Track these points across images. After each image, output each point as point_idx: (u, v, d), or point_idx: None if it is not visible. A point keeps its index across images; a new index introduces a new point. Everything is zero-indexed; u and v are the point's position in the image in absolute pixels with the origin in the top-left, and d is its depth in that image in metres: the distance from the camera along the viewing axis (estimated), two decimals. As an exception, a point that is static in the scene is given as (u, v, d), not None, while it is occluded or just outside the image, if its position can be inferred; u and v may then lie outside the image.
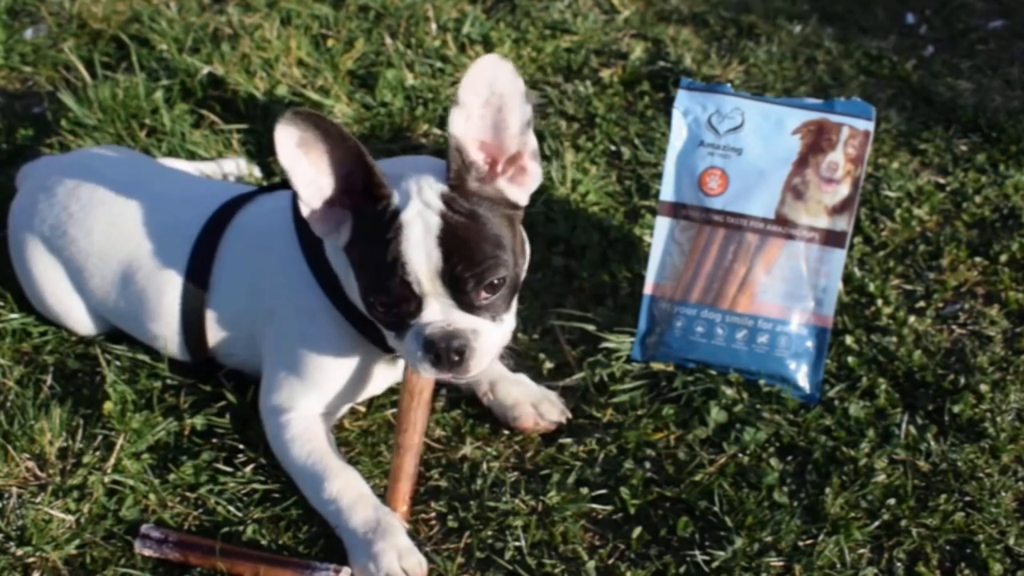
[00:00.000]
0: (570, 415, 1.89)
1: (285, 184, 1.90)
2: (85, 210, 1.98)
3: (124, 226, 1.94)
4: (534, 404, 1.88)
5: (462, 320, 1.61)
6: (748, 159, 1.98)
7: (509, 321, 1.69)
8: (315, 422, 1.78)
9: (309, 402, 1.79)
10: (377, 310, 1.64)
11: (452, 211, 1.60)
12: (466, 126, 1.61)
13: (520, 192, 1.67)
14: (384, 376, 1.84)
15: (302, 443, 1.75)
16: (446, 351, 1.60)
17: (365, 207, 1.62)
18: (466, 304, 1.61)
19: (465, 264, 1.59)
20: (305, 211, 1.64)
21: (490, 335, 1.64)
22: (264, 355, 1.84)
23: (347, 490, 1.69)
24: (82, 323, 2.04)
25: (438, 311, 1.61)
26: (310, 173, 1.62)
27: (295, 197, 1.74)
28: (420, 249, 1.58)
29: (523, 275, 1.71)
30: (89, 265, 1.97)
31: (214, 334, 1.89)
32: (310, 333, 1.78)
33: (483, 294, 1.61)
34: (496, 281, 1.61)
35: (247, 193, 1.96)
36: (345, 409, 1.86)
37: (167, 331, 1.92)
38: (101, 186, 2.00)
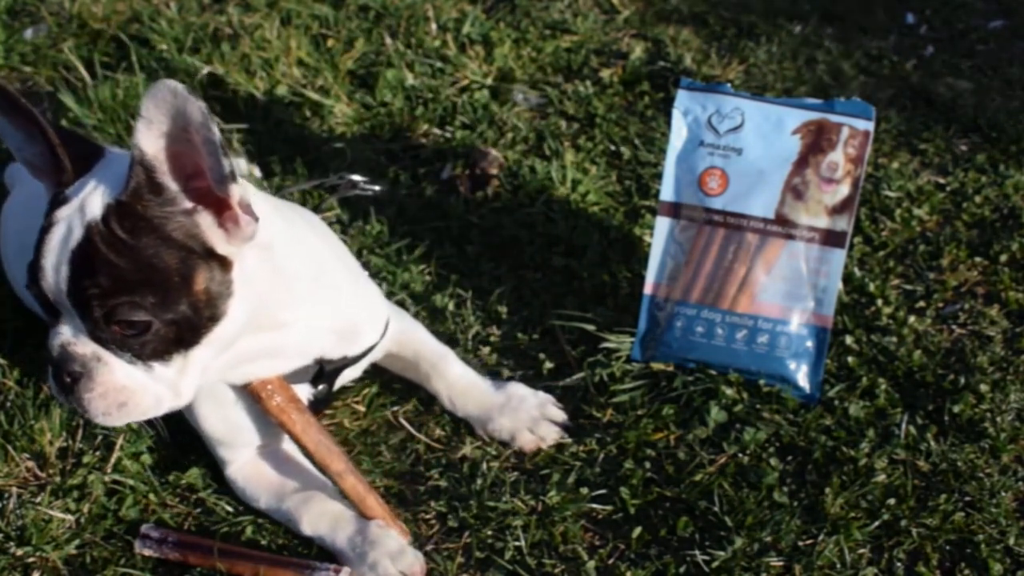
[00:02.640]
0: (566, 435, 1.87)
1: None
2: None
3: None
4: (531, 429, 1.86)
5: (86, 345, 1.43)
6: (748, 159, 1.98)
7: (170, 376, 1.46)
8: (255, 467, 1.74)
9: (230, 453, 1.74)
10: (31, 298, 1.50)
11: (106, 227, 1.38)
12: (156, 143, 1.36)
13: (226, 240, 1.43)
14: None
15: (256, 492, 1.73)
16: (58, 371, 1.44)
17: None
18: (95, 333, 1.42)
19: (93, 289, 1.39)
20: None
21: (122, 376, 1.44)
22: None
23: (321, 519, 1.67)
24: None
25: (69, 329, 1.44)
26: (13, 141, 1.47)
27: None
28: (52, 256, 1.40)
29: (209, 329, 1.46)
30: None
31: None
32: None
33: (115, 328, 1.41)
34: (134, 320, 1.40)
35: None
36: (272, 438, 1.76)
37: None
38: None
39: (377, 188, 2.33)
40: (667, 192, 2.01)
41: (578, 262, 2.21)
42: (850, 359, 2.00)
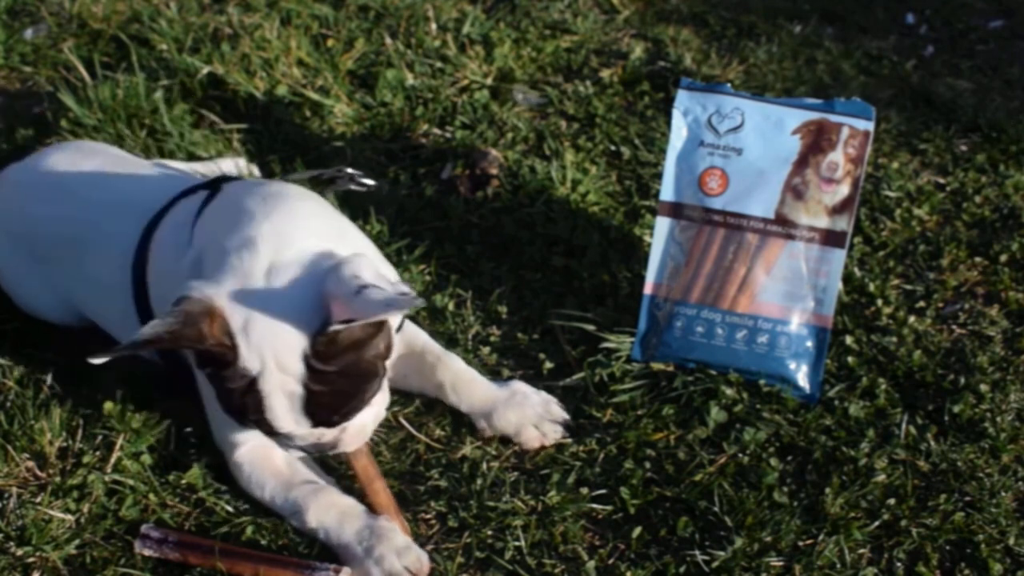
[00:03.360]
0: (568, 435, 1.86)
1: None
2: (46, 203, 1.96)
3: (81, 217, 1.90)
4: (536, 425, 1.85)
5: (328, 433, 1.58)
6: (748, 159, 1.98)
7: (381, 399, 1.64)
8: (264, 452, 1.72)
9: (240, 436, 1.72)
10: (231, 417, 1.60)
11: (317, 376, 1.49)
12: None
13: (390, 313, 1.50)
14: None
15: (263, 478, 1.71)
16: (317, 452, 1.63)
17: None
18: (330, 427, 1.58)
19: (338, 414, 1.56)
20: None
21: (358, 424, 1.60)
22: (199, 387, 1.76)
23: (329, 511, 1.66)
24: (55, 317, 2.03)
25: (309, 433, 1.58)
26: None
27: (202, 207, 1.71)
28: (288, 418, 1.52)
29: (388, 371, 1.62)
30: (54, 264, 1.95)
31: None
32: None
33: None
34: (363, 407, 1.59)
35: (198, 184, 1.86)
36: None
37: (127, 328, 1.81)
38: (60, 179, 1.98)
39: (373, 183, 2.33)
40: (667, 192, 2.01)
41: (578, 262, 2.21)
42: (850, 359, 2.00)
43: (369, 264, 1.50)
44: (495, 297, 2.13)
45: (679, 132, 2.01)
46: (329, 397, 1.52)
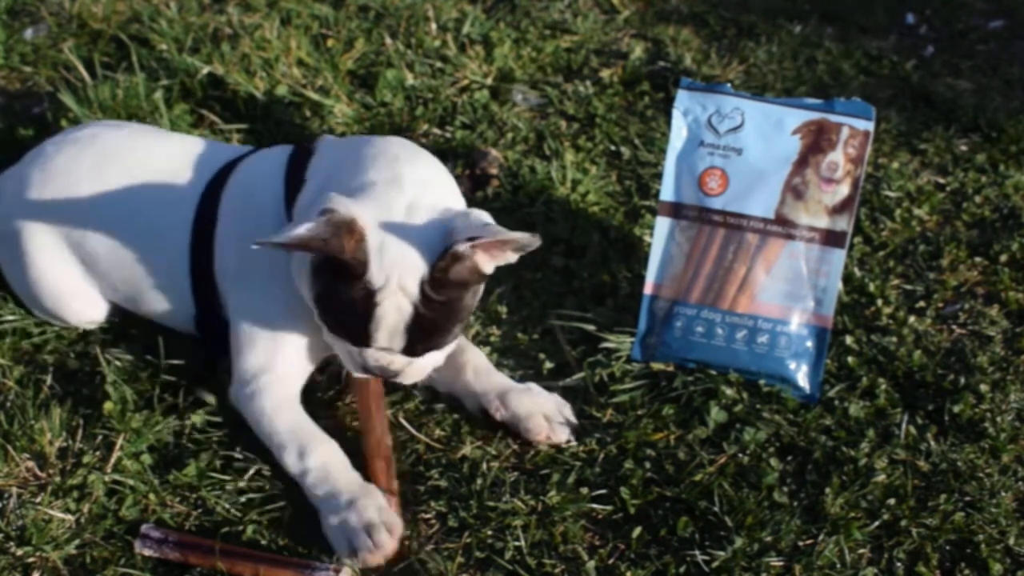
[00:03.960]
0: (573, 439, 1.86)
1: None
2: (85, 181, 1.95)
3: (126, 195, 1.93)
4: (547, 417, 1.86)
5: (400, 360, 1.69)
6: (748, 159, 1.98)
7: (448, 349, 1.75)
8: (291, 385, 1.82)
9: (281, 360, 1.82)
10: (326, 325, 1.70)
11: (426, 302, 1.63)
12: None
13: (492, 265, 1.68)
14: None
15: (278, 408, 1.79)
16: (380, 374, 1.71)
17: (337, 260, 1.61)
18: (411, 354, 1.70)
19: (426, 343, 1.68)
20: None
21: (422, 364, 1.72)
22: (232, 320, 1.86)
23: (330, 457, 1.74)
24: (86, 311, 2.02)
25: (384, 354, 1.68)
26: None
27: (292, 158, 1.85)
28: (386, 331, 1.64)
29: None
30: (94, 241, 1.95)
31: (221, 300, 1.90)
32: (274, 294, 1.81)
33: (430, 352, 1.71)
34: (444, 346, 1.72)
35: (245, 153, 1.97)
36: (310, 371, 1.88)
37: (179, 302, 1.94)
38: (101, 155, 1.98)
39: None
40: (667, 192, 2.01)
41: (578, 262, 2.21)
42: (850, 359, 2.00)
43: (481, 216, 1.67)
44: (495, 297, 2.13)
45: (679, 132, 2.01)
46: (429, 323, 1.65)
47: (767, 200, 1.97)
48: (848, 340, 2.04)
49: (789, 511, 1.73)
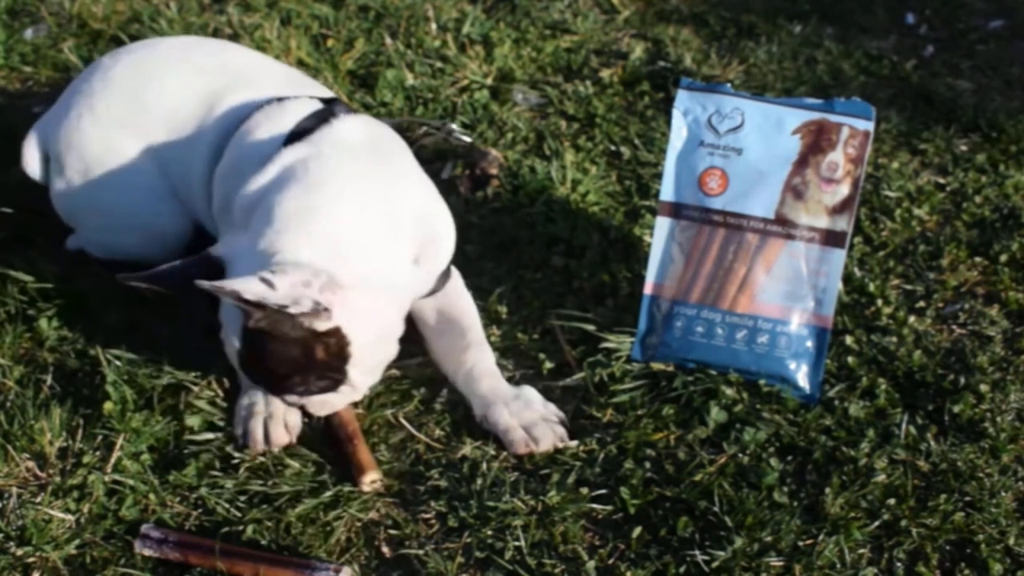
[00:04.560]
0: (567, 440, 1.85)
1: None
2: (146, 87, 1.99)
3: (178, 101, 1.97)
4: (527, 427, 1.84)
5: (289, 397, 1.78)
6: (748, 159, 1.98)
7: (352, 388, 1.78)
8: None
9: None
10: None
11: (249, 349, 1.71)
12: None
13: (321, 322, 1.69)
14: None
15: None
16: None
17: None
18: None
19: (270, 385, 1.76)
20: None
21: (317, 400, 1.77)
22: None
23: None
24: (172, 226, 2.05)
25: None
26: None
27: (304, 120, 1.85)
28: (234, 363, 1.75)
29: (360, 373, 1.76)
30: (158, 146, 1.98)
31: None
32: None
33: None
34: (304, 393, 1.76)
35: (283, 97, 1.94)
36: None
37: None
38: (161, 62, 2.04)
39: (468, 139, 2.36)
40: (667, 192, 2.01)
41: (578, 262, 2.21)
42: (850, 359, 2.00)
43: (293, 272, 1.65)
44: (495, 297, 2.13)
45: (679, 132, 2.01)
46: (264, 370, 1.71)
47: (767, 200, 1.97)
48: (848, 340, 2.04)
49: (789, 511, 1.73)
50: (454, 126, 2.39)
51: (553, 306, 2.12)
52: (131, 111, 1.99)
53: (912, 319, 2.10)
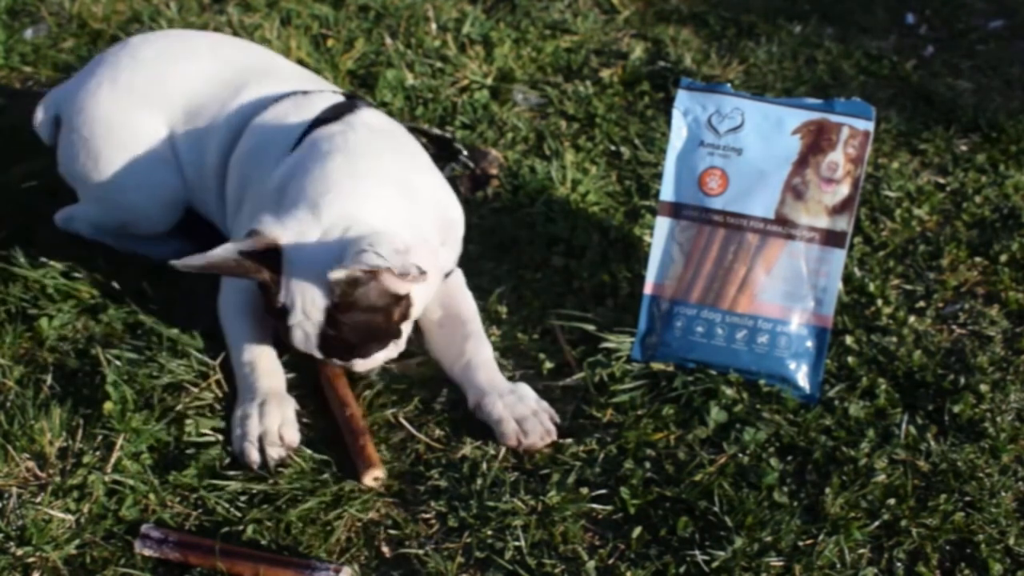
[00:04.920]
0: (555, 437, 1.84)
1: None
2: (173, 68, 2.08)
3: (199, 88, 2.07)
4: (519, 420, 1.83)
5: (338, 360, 1.83)
6: (748, 159, 1.98)
7: (399, 343, 1.86)
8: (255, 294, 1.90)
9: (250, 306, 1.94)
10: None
11: (335, 325, 1.74)
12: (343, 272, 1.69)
13: (407, 286, 1.74)
14: None
15: (243, 309, 1.94)
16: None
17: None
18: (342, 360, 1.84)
19: (346, 357, 1.81)
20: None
21: (367, 359, 1.84)
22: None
23: (261, 361, 1.89)
24: (171, 203, 2.13)
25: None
26: None
27: (319, 117, 1.93)
28: (302, 345, 1.79)
29: (409, 329, 1.85)
30: (176, 126, 2.07)
31: None
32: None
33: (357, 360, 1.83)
34: (374, 355, 1.82)
35: (303, 91, 2.04)
36: None
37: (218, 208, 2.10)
38: (190, 49, 2.14)
39: (472, 166, 2.41)
40: (667, 192, 2.01)
41: (578, 262, 2.21)
42: (850, 359, 2.00)
43: (390, 240, 1.70)
44: (495, 297, 2.13)
45: (679, 132, 2.01)
46: (342, 343, 1.77)
47: (767, 200, 1.97)
48: (848, 340, 2.04)
49: (789, 511, 1.73)
50: (462, 151, 2.40)
51: (553, 306, 2.12)
52: (154, 89, 2.07)
53: (912, 319, 2.10)
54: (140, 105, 2.07)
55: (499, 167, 2.45)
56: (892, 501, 1.75)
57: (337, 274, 1.67)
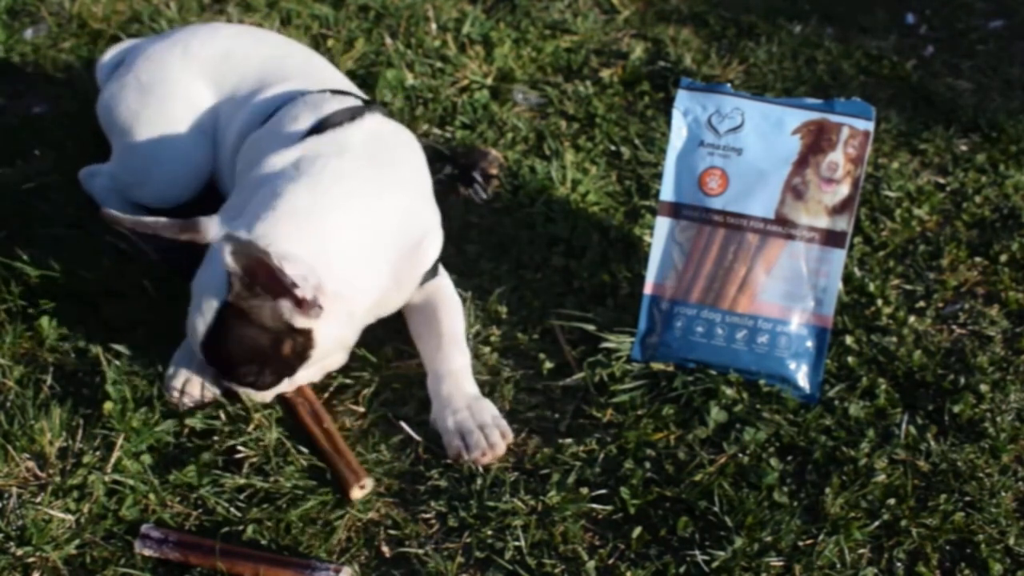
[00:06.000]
0: (501, 452, 1.80)
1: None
2: (223, 48, 2.20)
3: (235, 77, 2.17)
4: (464, 435, 1.80)
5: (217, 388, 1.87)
6: (748, 159, 1.98)
7: (293, 380, 1.85)
8: None
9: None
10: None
11: (218, 326, 1.77)
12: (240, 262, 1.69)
13: (302, 318, 1.75)
14: None
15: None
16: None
17: None
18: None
19: (221, 369, 1.83)
20: None
21: (264, 392, 1.84)
22: None
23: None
24: (197, 173, 2.20)
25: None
26: None
27: (325, 118, 1.96)
28: (192, 339, 1.82)
29: (312, 373, 1.86)
30: (219, 107, 2.16)
31: None
32: None
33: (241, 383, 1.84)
34: (249, 381, 1.82)
35: (329, 90, 2.07)
36: None
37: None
38: (237, 38, 2.26)
39: (486, 196, 2.39)
40: (667, 192, 2.02)
41: (578, 262, 2.21)
42: (850, 359, 2.00)
43: (307, 267, 1.74)
44: (495, 297, 2.13)
45: (679, 132, 2.01)
46: (223, 351, 1.77)
47: (767, 200, 1.97)
48: (848, 340, 2.04)
49: (789, 511, 1.73)
50: (479, 180, 2.40)
51: (553, 306, 2.12)
52: (217, 64, 2.18)
53: (912, 319, 2.10)
54: (200, 75, 2.17)
55: (499, 167, 2.45)
56: (892, 501, 1.75)
57: (231, 260, 1.66)
